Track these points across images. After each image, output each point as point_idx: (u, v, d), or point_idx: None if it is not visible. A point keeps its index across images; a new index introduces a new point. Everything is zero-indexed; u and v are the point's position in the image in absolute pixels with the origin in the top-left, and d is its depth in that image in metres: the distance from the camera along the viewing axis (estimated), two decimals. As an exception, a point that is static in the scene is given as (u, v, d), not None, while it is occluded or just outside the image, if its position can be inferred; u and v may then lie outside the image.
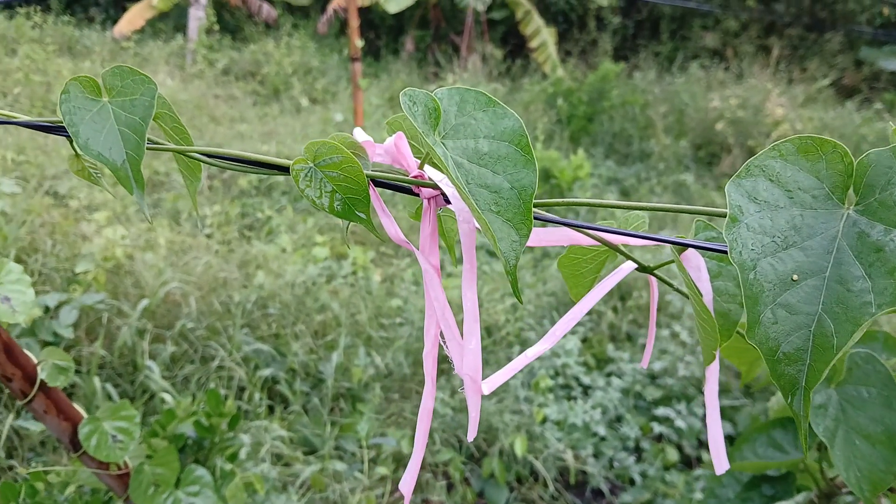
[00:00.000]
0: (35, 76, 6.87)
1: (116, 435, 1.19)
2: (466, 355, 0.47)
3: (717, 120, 8.18)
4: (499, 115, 0.46)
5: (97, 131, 0.50)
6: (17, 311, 1.00)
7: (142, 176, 0.50)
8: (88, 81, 0.51)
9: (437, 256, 0.50)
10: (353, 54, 5.20)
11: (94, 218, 3.51)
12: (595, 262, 0.56)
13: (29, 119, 0.55)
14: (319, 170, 0.48)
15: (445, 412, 3.03)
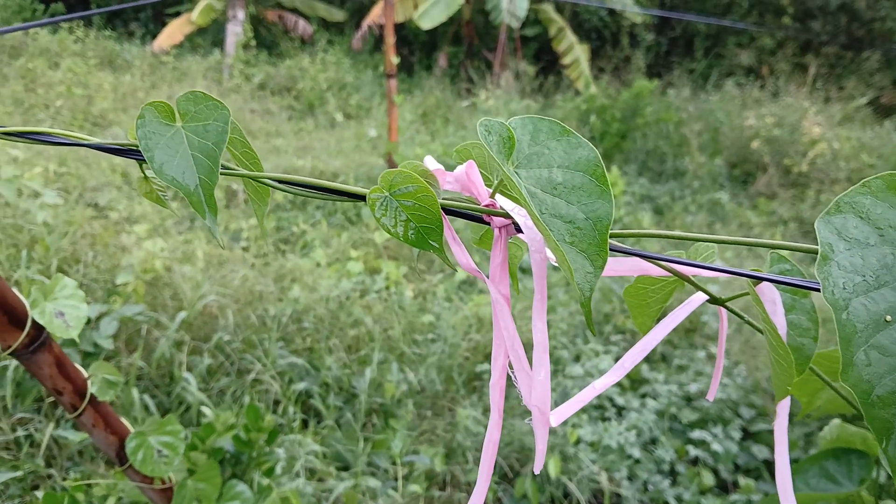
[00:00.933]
0: (77, 89, 7.04)
1: (162, 450, 1.20)
2: (535, 387, 0.46)
3: (752, 138, 8.09)
4: (573, 145, 0.45)
5: (171, 156, 0.50)
6: (70, 326, 1.01)
7: (214, 201, 0.50)
8: (163, 106, 0.52)
9: (507, 286, 0.50)
10: (388, 71, 5.24)
11: (133, 230, 3.56)
12: (662, 292, 0.56)
13: (100, 141, 0.56)
14: (394, 199, 0.48)
15: (479, 430, 3.01)
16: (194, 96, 0.52)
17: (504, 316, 0.49)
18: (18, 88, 6.98)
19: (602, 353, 3.78)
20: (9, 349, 1.02)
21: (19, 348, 1.02)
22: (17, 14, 10.32)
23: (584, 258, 0.43)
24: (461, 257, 0.51)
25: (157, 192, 0.60)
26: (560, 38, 10.22)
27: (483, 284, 4.54)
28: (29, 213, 3.61)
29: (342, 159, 6.20)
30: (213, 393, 2.96)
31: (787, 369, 0.46)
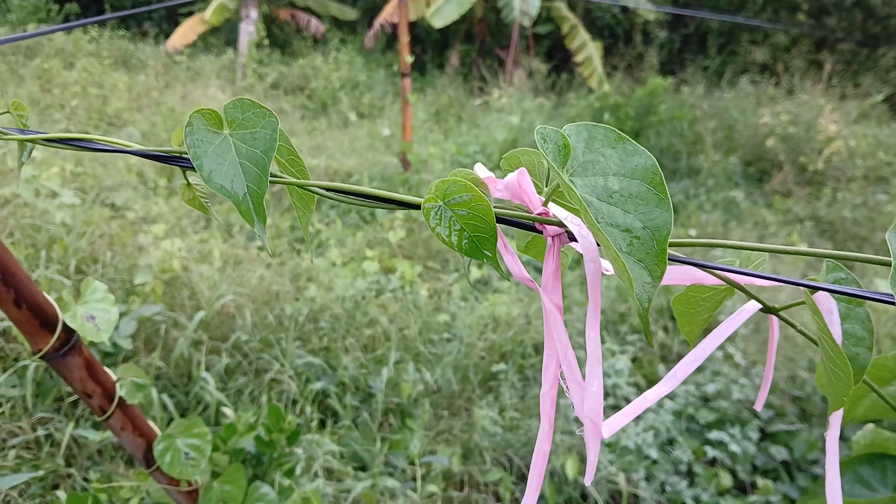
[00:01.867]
0: (92, 89, 7.07)
1: (189, 452, 1.20)
2: (587, 397, 0.46)
3: (767, 136, 8.04)
4: (629, 152, 0.45)
5: (219, 164, 0.50)
6: (101, 330, 1.01)
7: (263, 209, 0.50)
8: (210, 114, 0.51)
9: (559, 295, 0.49)
10: (402, 69, 5.24)
11: (151, 230, 3.58)
12: (713, 300, 0.55)
13: (143, 148, 0.56)
14: (449, 208, 0.47)
15: (496, 431, 3.01)
16: (242, 103, 0.52)
17: (557, 326, 0.48)
18: (34, 88, 7.02)
19: (618, 353, 3.76)
20: (39, 352, 1.02)
21: (50, 352, 1.02)
22: (33, 14, 10.39)
23: (642, 268, 0.42)
24: (513, 267, 0.50)
25: (200, 198, 0.60)
26: (573, 36, 10.19)
27: (498, 283, 4.54)
28: (47, 213, 3.63)
29: (356, 158, 6.21)
30: (230, 392, 2.97)
31: (845, 379, 0.46)
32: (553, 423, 0.51)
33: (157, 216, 4.07)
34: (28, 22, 9.69)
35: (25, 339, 1.02)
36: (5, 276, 0.94)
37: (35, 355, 1.02)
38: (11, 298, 0.96)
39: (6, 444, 2.57)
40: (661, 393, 0.48)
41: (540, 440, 0.51)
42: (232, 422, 1.90)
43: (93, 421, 2.72)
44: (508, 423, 3.09)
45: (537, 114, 7.83)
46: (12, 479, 2.00)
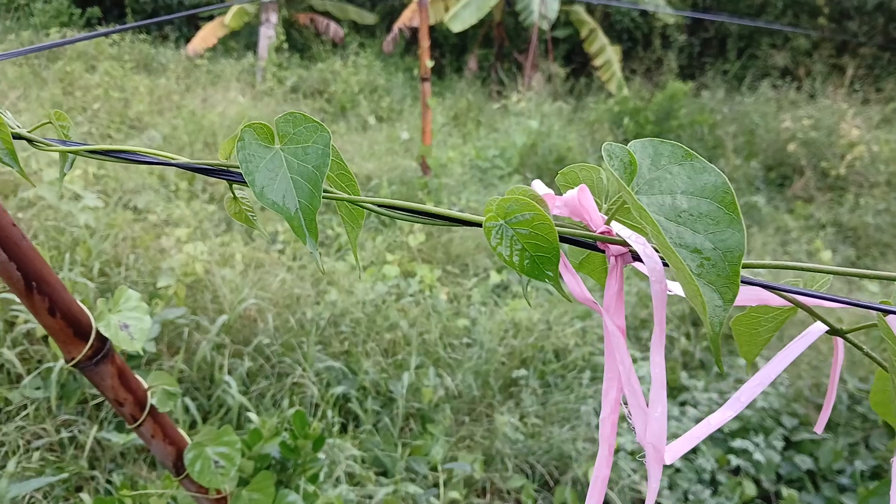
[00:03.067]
0: (114, 92, 7.13)
1: (219, 461, 1.20)
2: (651, 423, 0.44)
3: (789, 141, 7.97)
4: (697, 170, 0.43)
5: (271, 179, 0.49)
6: (134, 339, 1.01)
7: (315, 225, 0.49)
8: (262, 128, 0.50)
9: (622, 317, 0.48)
10: (423, 74, 5.23)
11: (173, 233, 3.59)
12: (775, 321, 0.53)
13: (188, 161, 0.55)
14: (510, 227, 0.46)
15: (517, 437, 2.99)
16: (293, 117, 0.51)
17: (620, 348, 0.47)
18: (57, 91, 7.09)
19: (640, 360, 3.73)
20: (73, 361, 1.02)
21: (83, 360, 1.02)
22: (55, 18, 10.50)
23: (713, 291, 0.40)
24: (575, 287, 0.49)
25: (247, 212, 0.59)
26: (592, 40, 10.15)
27: (517, 288, 4.51)
28: (71, 215, 3.66)
29: (375, 162, 6.21)
30: (252, 396, 2.97)
31: (917, 406, 0.44)
32: (613, 448, 0.49)
33: (178, 219, 4.09)
34: (50, 26, 9.79)
35: (59, 347, 1.02)
36: (40, 285, 0.94)
37: (68, 363, 1.02)
38: (46, 307, 0.95)
39: (30, 445, 2.59)
40: (724, 418, 0.47)
41: (598, 465, 0.50)
42: (257, 427, 1.90)
43: (116, 423, 2.73)
44: (530, 430, 3.07)
45: (556, 118, 7.81)
46: (37, 481, 2.02)
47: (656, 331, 0.44)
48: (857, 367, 3.65)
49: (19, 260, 0.91)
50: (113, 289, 3.17)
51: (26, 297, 0.93)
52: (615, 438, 0.49)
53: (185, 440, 1.23)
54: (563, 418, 3.20)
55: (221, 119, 6.56)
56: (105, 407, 2.73)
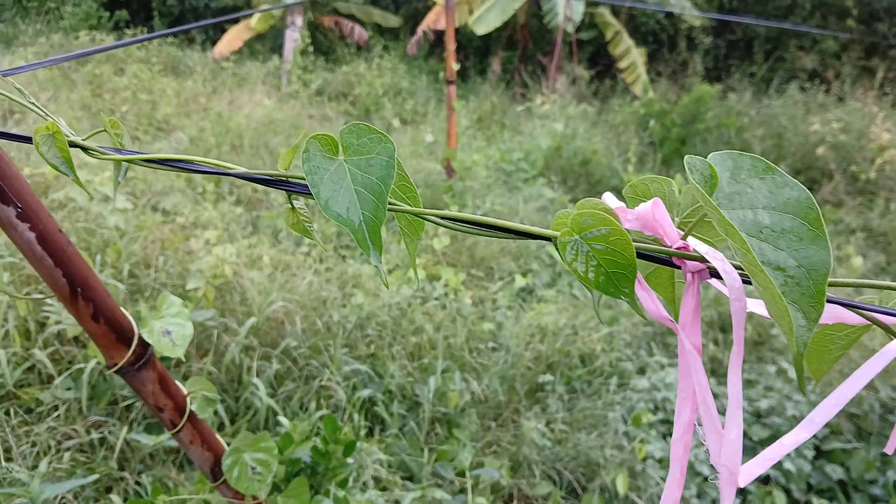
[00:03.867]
0: (142, 94, 7.20)
1: (256, 467, 1.20)
2: (726, 445, 0.43)
3: (817, 144, 7.87)
4: (779, 184, 0.42)
5: (335, 191, 0.48)
6: (177, 345, 1.01)
7: (380, 238, 0.48)
8: (326, 139, 0.50)
9: (699, 335, 0.46)
10: (448, 77, 5.23)
11: (204, 235, 3.62)
12: (848, 339, 0.51)
13: (246, 171, 0.55)
14: (585, 242, 0.45)
15: (544, 444, 2.97)
16: (357, 128, 0.50)
17: (697, 368, 0.45)
18: (86, 94, 7.18)
19: (667, 366, 3.69)
20: (115, 366, 1.02)
21: (125, 366, 1.02)
22: (84, 21, 10.64)
23: (796, 310, 0.39)
24: (649, 304, 0.47)
25: (304, 222, 0.58)
26: (617, 42, 10.09)
27: (543, 291, 4.49)
28: (101, 217, 3.70)
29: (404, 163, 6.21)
30: (279, 398, 2.98)
31: None
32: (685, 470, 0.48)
33: (206, 222, 4.12)
34: (80, 29, 9.92)
35: (101, 352, 1.02)
36: (84, 290, 0.94)
37: (110, 369, 1.02)
38: (90, 312, 0.96)
39: (61, 446, 2.61)
40: (798, 440, 0.45)
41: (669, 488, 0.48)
42: (288, 431, 1.90)
43: (146, 425, 2.75)
44: (558, 435, 3.05)
45: (581, 120, 7.77)
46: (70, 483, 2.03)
47: (735, 350, 0.43)
48: (890, 375, 3.59)
49: (65, 265, 0.91)
50: (143, 290, 3.20)
51: (71, 302, 0.94)
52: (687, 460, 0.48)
53: (223, 446, 1.23)
54: (590, 425, 3.18)
55: (248, 121, 6.60)
56: (135, 408, 2.75)
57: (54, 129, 0.59)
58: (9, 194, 0.82)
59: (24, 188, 0.85)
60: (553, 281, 4.77)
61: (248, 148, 6.11)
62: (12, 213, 0.84)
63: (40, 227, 0.87)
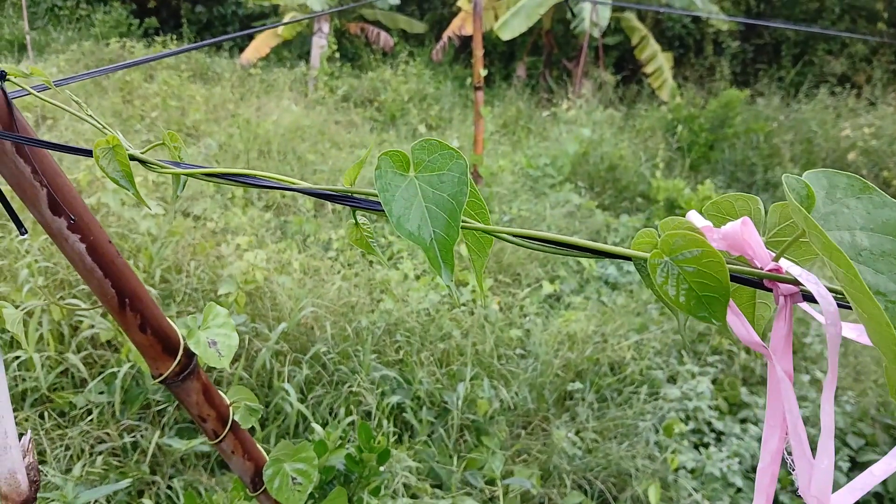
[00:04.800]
0: (171, 101, 7.28)
1: (296, 477, 1.19)
2: (816, 475, 0.41)
3: (849, 150, 7.76)
4: (877, 204, 0.40)
5: (406, 208, 0.47)
6: (222, 356, 1.00)
7: (451, 257, 0.47)
8: (397, 156, 0.49)
9: (790, 361, 0.44)
10: (476, 83, 5.22)
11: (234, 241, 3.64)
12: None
13: (310, 186, 0.54)
14: (676, 265, 0.43)
15: (574, 453, 2.94)
16: (429, 144, 0.49)
17: (788, 395, 0.43)
18: (117, 100, 7.27)
19: (698, 375, 3.64)
20: (160, 377, 1.02)
21: (171, 376, 1.02)
22: (114, 28, 10.78)
23: (899, 336, 0.37)
24: (740, 329, 0.46)
25: (367, 238, 0.57)
26: (643, 47, 10.03)
27: (570, 298, 4.46)
28: (133, 222, 3.73)
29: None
30: (309, 404, 2.98)
31: None
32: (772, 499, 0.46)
33: (237, 227, 4.14)
34: (110, 36, 10.06)
35: (147, 363, 1.02)
36: (133, 302, 0.94)
37: (155, 380, 1.02)
38: (137, 323, 0.95)
39: (94, 450, 2.63)
40: (889, 469, 0.43)
41: (753, 518, 0.46)
42: (322, 439, 1.89)
43: (177, 429, 2.77)
44: (589, 444, 3.02)
45: (607, 126, 7.72)
46: (106, 488, 2.04)
47: (829, 377, 0.41)
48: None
49: (114, 277, 0.91)
50: (175, 296, 3.22)
51: (119, 313, 0.94)
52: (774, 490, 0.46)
53: (263, 456, 1.23)
54: (620, 434, 3.14)
55: (276, 127, 6.64)
56: (167, 412, 2.77)
57: (114, 143, 0.59)
58: (61, 205, 0.82)
59: (75, 199, 0.85)
60: (581, 287, 4.74)
61: (276, 154, 6.15)
62: (64, 225, 0.84)
63: (91, 239, 0.87)
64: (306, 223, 4.75)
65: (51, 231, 0.85)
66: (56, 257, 3.32)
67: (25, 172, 0.79)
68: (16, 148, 0.77)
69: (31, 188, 0.80)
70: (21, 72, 0.77)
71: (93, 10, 11.31)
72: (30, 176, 0.79)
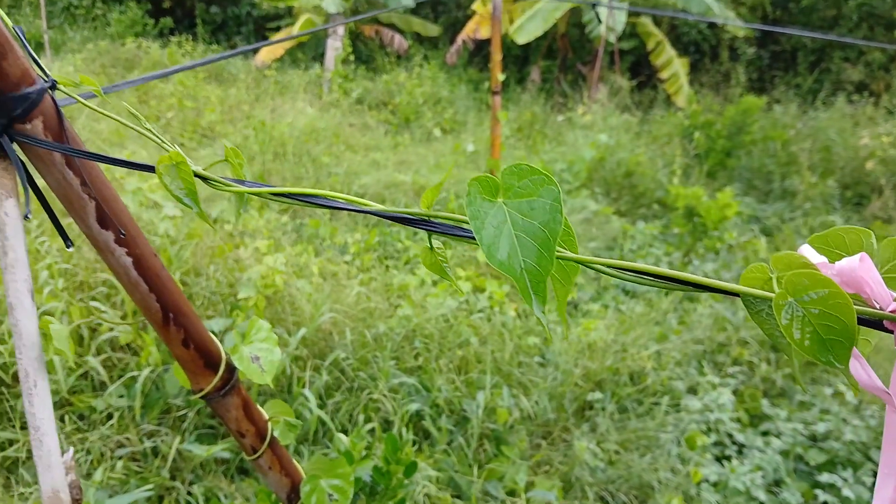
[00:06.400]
0: (187, 102, 7.29)
1: (332, 493, 1.17)
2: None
3: (867, 159, 7.68)
4: None
5: (496, 236, 0.45)
6: (265, 371, 0.98)
7: (544, 288, 0.44)
8: (487, 181, 0.46)
9: (913, 408, 0.42)
10: (494, 87, 5.20)
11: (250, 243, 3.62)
12: None
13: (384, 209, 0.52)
14: (800, 306, 0.41)
15: (596, 464, 2.91)
16: (518, 169, 0.46)
17: (912, 445, 0.41)
18: (133, 100, 7.29)
19: (719, 386, 3.60)
20: (201, 392, 1.00)
21: (211, 392, 1.00)
22: (130, 28, 10.82)
23: None
24: (860, 373, 0.43)
25: (441, 262, 0.55)
26: (659, 52, 9.98)
27: (588, 306, 4.42)
28: (152, 224, 3.73)
29: (441, 175, 6.20)
30: (328, 410, 2.96)
31: None
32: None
33: (254, 230, 4.13)
34: (126, 35, 10.10)
35: (187, 377, 1.00)
36: (177, 316, 0.92)
37: (195, 395, 1.00)
38: (181, 338, 0.94)
39: (114, 454, 2.62)
40: None
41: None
42: (348, 449, 1.87)
43: (197, 435, 2.75)
44: (611, 456, 2.99)
45: (623, 131, 7.68)
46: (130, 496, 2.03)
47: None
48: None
49: (158, 291, 0.89)
50: (194, 299, 3.21)
51: (163, 328, 0.92)
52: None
53: (299, 472, 1.21)
54: (642, 445, 3.11)
55: (291, 130, 6.64)
56: (187, 418, 2.75)
57: (178, 160, 0.57)
58: (110, 218, 0.80)
59: (122, 212, 0.83)
60: (598, 295, 4.70)
61: (291, 156, 6.14)
62: (111, 238, 0.82)
63: (137, 252, 0.85)
64: (322, 226, 4.73)
65: (97, 244, 0.83)
66: (75, 259, 3.31)
67: (74, 184, 0.77)
68: (65, 159, 0.75)
69: (79, 200, 0.78)
70: (71, 81, 0.75)
71: (108, 9, 11.36)
72: (78, 188, 0.77)
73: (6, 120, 0.70)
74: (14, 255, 0.76)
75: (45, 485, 0.84)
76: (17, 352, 0.83)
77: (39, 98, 0.70)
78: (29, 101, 0.69)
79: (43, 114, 0.72)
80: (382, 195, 5.65)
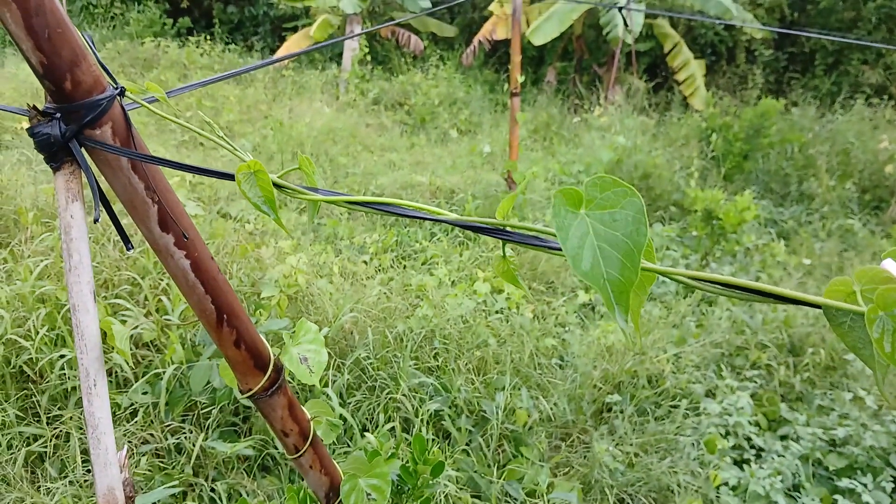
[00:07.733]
0: (205, 101, 7.33)
1: (370, 493, 1.18)
2: None
3: (886, 162, 7.64)
4: None
5: (579, 247, 0.46)
6: (312, 372, 1.00)
7: (627, 298, 0.45)
8: (571, 193, 0.48)
9: None
10: (513, 89, 5.20)
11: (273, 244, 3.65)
12: None
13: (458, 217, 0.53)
14: (891, 320, 0.42)
15: (616, 467, 2.91)
16: (601, 181, 0.48)
17: None
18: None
19: (738, 390, 3.60)
20: (249, 392, 1.02)
21: (259, 392, 1.02)
22: (148, 28, 10.89)
23: None
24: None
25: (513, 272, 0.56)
26: (675, 54, 9.95)
27: (605, 308, 4.42)
28: (174, 223, 3.75)
29: (457, 175, 6.21)
30: (349, 409, 2.98)
31: None
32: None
33: (275, 229, 4.16)
34: (145, 35, 10.16)
35: (236, 377, 1.01)
36: (230, 318, 0.94)
37: (244, 394, 1.02)
38: (233, 339, 0.95)
39: (138, 450, 2.65)
40: None
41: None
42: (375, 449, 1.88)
43: (220, 432, 2.78)
44: (630, 458, 2.99)
45: (640, 133, 7.67)
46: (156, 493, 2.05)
47: None
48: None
49: (214, 293, 0.91)
50: (216, 298, 3.23)
51: (216, 329, 0.93)
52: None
53: (338, 472, 1.22)
54: (662, 449, 3.11)
55: (308, 130, 6.67)
56: (210, 414, 2.78)
57: (256, 168, 0.58)
58: (171, 222, 0.82)
59: (183, 216, 0.85)
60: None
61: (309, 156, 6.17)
62: (171, 241, 0.84)
63: (195, 255, 0.87)
64: (340, 226, 4.76)
65: (157, 247, 0.85)
66: (100, 257, 3.35)
67: (139, 189, 0.78)
68: (131, 164, 0.77)
69: (143, 204, 0.80)
70: (138, 87, 0.77)
71: (126, 8, 11.44)
72: (142, 192, 0.79)
73: (77, 126, 0.72)
74: (79, 257, 0.78)
75: (102, 482, 0.86)
76: (77, 351, 0.85)
77: (109, 105, 0.72)
78: (100, 107, 0.71)
79: (112, 120, 0.74)
80: (399, 196, 5.67)
